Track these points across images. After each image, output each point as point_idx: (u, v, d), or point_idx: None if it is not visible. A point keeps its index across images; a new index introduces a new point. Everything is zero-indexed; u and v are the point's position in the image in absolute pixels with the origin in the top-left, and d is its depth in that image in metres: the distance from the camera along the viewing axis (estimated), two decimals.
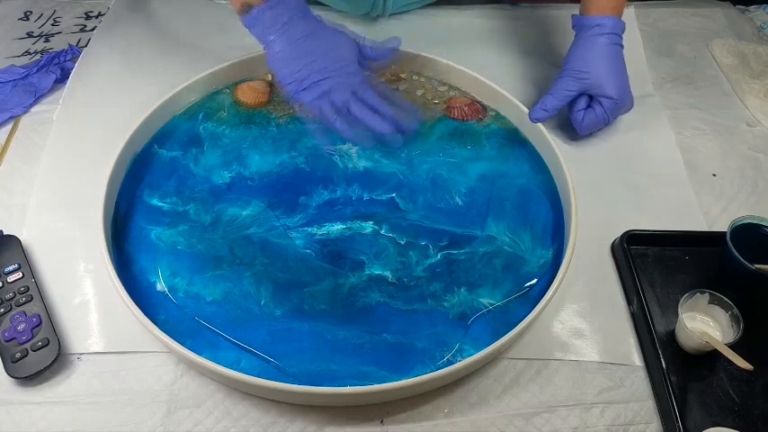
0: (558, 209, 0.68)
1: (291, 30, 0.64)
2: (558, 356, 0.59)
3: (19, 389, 0.54)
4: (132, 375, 0.56)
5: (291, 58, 0.64)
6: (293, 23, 0.64)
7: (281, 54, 0.64)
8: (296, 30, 0.64)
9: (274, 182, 0.69)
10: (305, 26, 0.65)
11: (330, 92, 0.63)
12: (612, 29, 0.72)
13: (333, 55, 0.65)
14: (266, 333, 0.57)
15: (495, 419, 0.55)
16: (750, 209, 0.71)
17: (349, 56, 0.66)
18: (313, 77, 0.63)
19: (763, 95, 0.85)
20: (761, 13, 1.00)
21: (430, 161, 0.71)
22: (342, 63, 0.65)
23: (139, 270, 0.61)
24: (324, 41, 0.65)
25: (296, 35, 0.64)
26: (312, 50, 0.64)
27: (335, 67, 0.64)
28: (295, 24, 0.64)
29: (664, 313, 0.61)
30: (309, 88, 0.64)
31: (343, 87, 0.64)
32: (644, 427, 0.55)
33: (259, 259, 0.62)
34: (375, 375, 0.55)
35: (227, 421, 0.54)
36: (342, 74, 0.64)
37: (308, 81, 0.63)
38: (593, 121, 0.74)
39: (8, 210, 0.66)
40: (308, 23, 0.65)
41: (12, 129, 0.74)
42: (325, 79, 0.63)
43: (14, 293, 0.58)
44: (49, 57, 0.81)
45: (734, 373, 0.57)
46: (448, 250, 0.64)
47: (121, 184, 0.66)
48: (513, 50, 0.88)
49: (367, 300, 0.60)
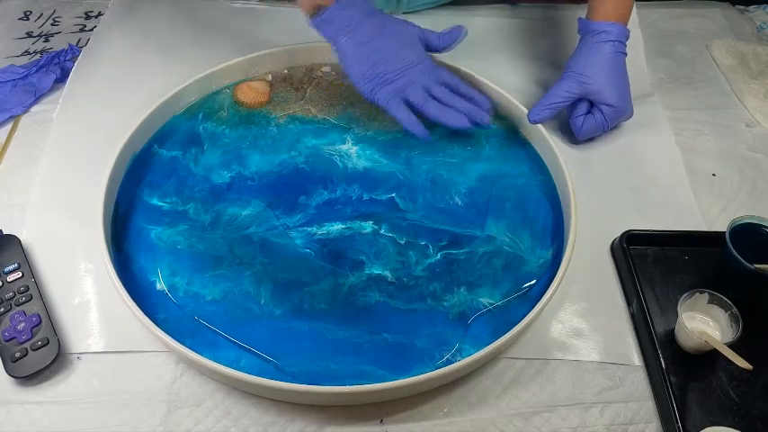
0: (557, 209, 0.68)
1: (361, 30, 0.66)
2: (558, 356, 0.59)
3: (19, 388, 0.54)
4: (132, 375, 0.56)
5: (362, 58, 0.66)
6: (362, 23, 0.66)
7: (353, 55, 0.66)
8: (365, 29, 0.66)
9: (274, 182, 0.69)
10: (373, 25, 0.67)
11: (404, 90, 0.66)
12: (617, 36, 0.72)
13: (403, 52, 0.67)
14: (266, 332, 0.57)
15: (494, 419, 0.55)
16: (749, 209, 0.71)
17: (418, 51, 0.68)
18: (386, 77, 0.66)
19: (762, 96, 0.85)
20: (760, 13, 1.00)
21: (430, 161, 0.71)
22: (412, 60, 0.67)
23: (139, 269, 0.61)
24: (392, 39, 0.67)
25: (366, 35, 0.66)
26: (381, 50, 0.66)
27: (406, 65, 0.67)
28: (364, 24, 0.66)
29: (663, 313, 0.61)
30: (382, 88, 0.66)
31: (415, 85, 0.66)
32: (643, 426, 0.55)
33: (259, 259, 0.62)
34: (375, 375, 0.55)
35: (227, 421, 0.54)
36: (413, 71, 0.67)
37: (380, 80, 0.66)
38: (593, 127, 0.74)
39: (8, 209, 0.66)
40: (376, 21, 0.67)
41: (12, 128, 0.74)
42: (397, 79, 0.66)
43: (14, 293, 0.58)
44: (49, 56, 0.81)
45: (733, 373, 0.57)
46: (448, 250, 0.64)
47: (121, 184, 0.66)
48: (512, 51, 0.88)
49: (367, 299, 0.60)
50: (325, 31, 0.67)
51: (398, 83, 0.66)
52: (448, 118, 0.67)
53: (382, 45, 0.67)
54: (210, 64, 0.76)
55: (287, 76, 0.80)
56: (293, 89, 0.79)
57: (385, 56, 0.66)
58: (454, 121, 0.67)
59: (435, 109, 0.67)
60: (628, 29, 0.74)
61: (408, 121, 0.67)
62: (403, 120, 0.67)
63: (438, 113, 0.67)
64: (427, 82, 0.68)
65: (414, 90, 0.67)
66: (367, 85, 0.67)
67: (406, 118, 0.67)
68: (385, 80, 0.66)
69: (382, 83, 0.66)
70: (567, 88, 0.73)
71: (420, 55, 0.68)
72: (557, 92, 0.73)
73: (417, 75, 0.67)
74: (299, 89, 0.79)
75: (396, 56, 0.67)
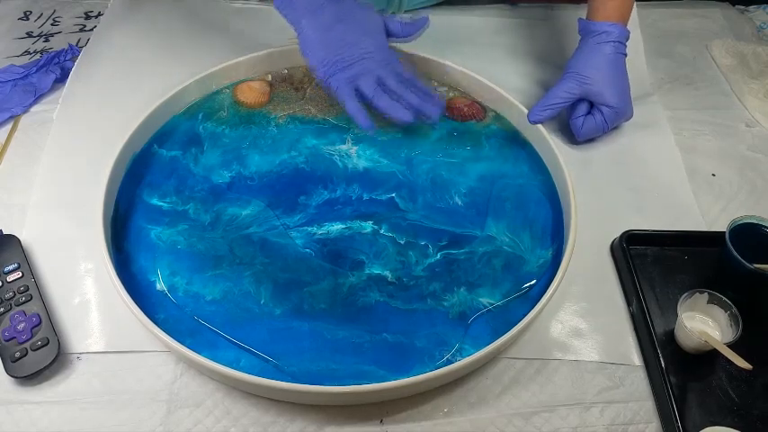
0: (557, 209, 0.68)
1: (323, 14, 0.66)
2: (558, 356, 0.59)
3: (19, 388, 0.54)
4: (132, 375, 0.56)
5: (323, 43, 0.66)
6: (325, 7, 0.66)
7: (313, 39, 0.66)
8: (327, 14, 0.66)
9: (274, 181, 0.69)
10: (336, 10, 0.66)
11: (357, 78, 0.66)
12: (618, 37, 0.72)
13: (363, 40, 0.67)
14: (266, 332, 0.57)
15: (494, 419, 0.55)
16: (749, 209, 0.72)
17: (379, 40, 0.68)
18: (342, 64, 0.66)
19: (762, 96, 0.85)
20: (760, 13, 1.00)
21: (430, 161, 0.71)
22: (371, 48, 0.67)
23: (139, 269, 0.61)
24: (354, 25, 0.67)
25: (328, 20, 0.66)
26: (342, 36, 0.66)
27: (364, 53, 0.66)
28: (326, 8, 0.66)
29: (663, 313, 0.61)
30: (336, 74, 0.66)
31: (369, 74, 0.66)
32: (643, 426, 0.55)
33: (259, 259, 0.62)
34: (375, 375, 0.55)
35: (227, 420, 0.54)
36: (369, 61, 0.67)
37: (336, 67, 0.66)
38: (593, 127, 0.74)
39: (8, 209, 0.66)
40: (339, 7, 0.67)
41: (12, 128, 0.74)
42: (352, 66, 0.66)
43: (14, 293, 0.58)
44: (49, 56, 0.81)
45: (733, 373, 0.57)
46: (447, 250, 0.64)
47: (121, 184, 0.66)
48: (512, 51, 0.88)
49: (367, 299, 0.60)
50: (288, 14, 0.67)
51: (353, 70, 0.66)
52: (395, 112, 0.67)
53: (343, 31, 0.66)
54: (210, 64, 0.76)
55: (287, 76, 0.80)
56: (293, 89, 0.79)
57: (345, 42, 0.66)
58: (400, 115, 0.67)
59: (384, 102, 0.67)
60: (628, 29, 0.74)
61: (354, 109, 0.66)
62: (349, 108, 0.66)
63: (386, 107, 0.67)
64: (382, 72, 0.67)
65: (366, 80, 0.66)
66: (322, 70, 0.66)
67: (352, 107, 0.66)
68: (340, 67, 0.66)
69: (336, 70, 0.66)
70: (567, 89, 0.73)
71: (380, 44, 0.68)
72: (557, 92, 0.73)
73: (373, 64, 0.67)
74: (299, 89, 0.79)
75: (355, 43, 0.66)
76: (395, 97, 0.67)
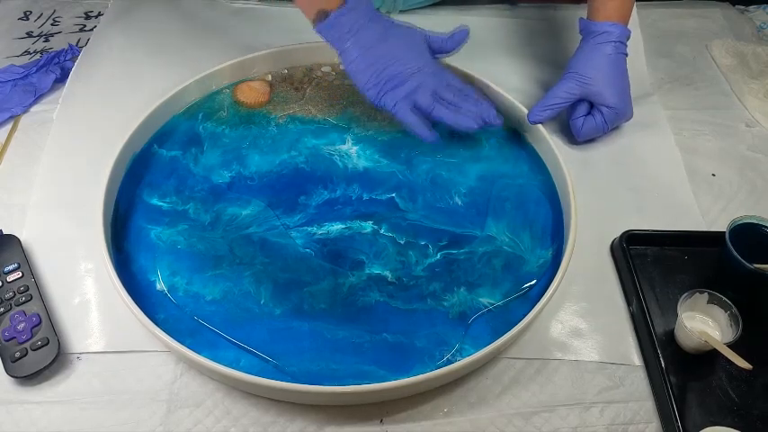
0: (557, 209, 0.68)
1: (366, 34, 0.66)
2: (558, 356, 0.59)
3: (18, 388, 0.54)
4: (132, 375, 0.56)
5: (368, 63, 0.66)
6: (367, 28, 0.66)
7: (359, 60, 0.66)
8: (370, 34, 0.66)
9: (274, 181, 0.69)
10: (378, 29, 0.66)
11: (412, 94, 0.66)
12: (619, 37, 0.72)
13: (408, 56, 0.67)
14: (266, 332, 0.57)
15: (494, 419, 0.55)
16: (749, 209, 0.71)
17: (424, 55, 0.68)
18: (393, 82, 0.66)
19: (762, 96, 0.85)
20: (760, 13, 1.00)
21: (429, 161, 0.71)
22: (419, 64, 0.67)
23: (139, 269, 0.61)
24: (398, 43, 0.67)
25: (371, 40, 0.66)
26: (387, 54, 0.66)
27: (413, 69, 0.66)
28: (369, 28, 0.66)
29: (663, 313, 0.61)
30: (389, 93, 0.66)
31: (423, 89, 0.66)
32: (643, 426, 0.55)
33: (259, 259, 0.62)
34: (375, 375, 0.55)
35: (227, 420, 0.54)
36: (420, 75, 0.66)
37: (387, 85, 0.66)
38: (593, 128, 0.74)
39: (8, 209, 0.66)
40: (380, 26, 0.67)
41: (12, 128, 0.74)
42: (404, 83, 0.66)
43: (14, 293, 0.58)
44: (49, 56, 0.81)
45: (733, 373, 0.57)
46: (447, 250, 0.64)
47: (121, 184, 0.66)
48: (512, 50, 0.88)
49: (367, 299, 0.60)
50: (330, 36, 0.66)
51: (406, 87, 0.66)
52: (458, 120, 0.67)
53: (388, 49, 0.66)
54: (210, 64, 0.76)
55: (287, 76, 0.80)
56: (293, 89, 0.79)
57: (391, 60, 0.66)
58: (464, 123, 0.67)
59: (445, 112, 0.67)
60: (629, 29, 0.74)
61: (418, 125, 0.66)
62: (412, 124, 0.66)
63: (448, 117, 0.67)
64: (435, 85, 0.67)
65: (422, 94, 0.66)
66: (373, 91, 0.66)
67: (415, 122, 0.66)
68: (392, 85, 0.66)
69: (389, 88, 0.66)
70: (567, 89, 0.73)
71: (426, 59, 0.68)
72: (557, 92, 0.73)
73: (424, 78, 0.67)
74: (299, 89, 0.79)
75: (402, 60, 0.66)
76: (452, 108, 0.67)
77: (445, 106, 0.67)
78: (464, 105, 0.68)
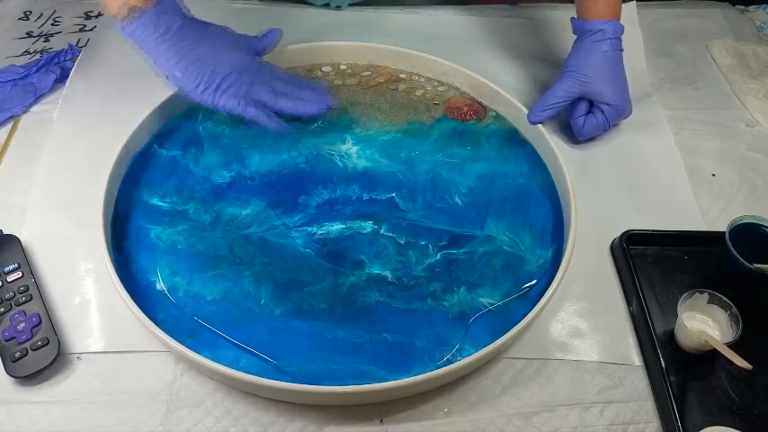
0: (557, 209, 0.68)
1: (183, 36, 0.64)
2: (558, 356, 0.59)
3: (18, 388, 0.54)
4: (132, 375, 0.56)
5: (194, 66, 0.64)
6: (183, 29, 0.64)
7: (182, 64, 0.64)
8: (187, 36, 0.64)
9: (274, 181, 0.69)
10: (194, 31, 0.65)
11: (250, 91, 0.65)
12: (614, 34, 0.72)
13: (232, 56, 0.66)
14: (266, 332, 0.57)
15: (494, 419, 0.55)
16: (749, 209, 0.71)
17: (246, 52, 0.67)
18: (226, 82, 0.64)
19: (762, 96, 0.85)
20: (760, 13, 1.00)
21: (429, 161, 0.71)
22: (245, 62, 0.66)
23: (139, 269, 0.61)
24: (216, 43, 0.66)
25: (190, 42, 0.64)
26: (211, 55, 0.64)
27: (241, 67, 0.65)
28: (184, 30, 0.64)
29: (663, 313, 0.61)
30: (225, 93, 0.65)
31: (259, 84, 0.66)
32: (643, 426, 0.55)
33: (259, 259, 0.62)
34: (374, 375, 0.55)
35: (227, 420, 0.54)
36: (251, 72, 0.66)
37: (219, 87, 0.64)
38: (594, 126, 0.74)
39: (8, 209, 0.66)
40: (195, 27, 0.66)
41: (12, 128, 0.74)
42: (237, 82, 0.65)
43: (14, 293, 0.58)
44: (49, 56, 0.81)
45: (733, 373, 0.57)
46: (447, 250, 0.64)
47: (121, 184, 0.66)
48: (512, 50, 0.88)
49: (367, 299, 0.60)
50: (142, 39, 0.63)
51: (243, 86, 0.65)
52: (300, 108, 0.68)
53: (210, 50, 0.64)
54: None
55: None
56: None
57: (217, 61, 0.64)
58: (306, 110, 0.68)
59: (286, 103, 0.67)
60: (622, 24, 0.74)
61: (266, 121, 0.66)
62: (261, 121, 0.66)
63: (290, 107, 0.67)
64: (266, 80, 0.67)
65: (260, 89, 0.66)
66: (208, 93, 0.64)
67: (263, 119, 0.66)
68: (227, 85, 0.64)
69: (225, 88, 0.64)
70: (566, 87, 0.73)
71: (250, 56, 0.67)
72: (556, 92, 0.73)
73: (255, 75, 0.66)
74: None
75: (227, 60, 0.65)
76: (291, 97, 0.68)
77: (286, 97, 0.68)
78: (300, 93, 0.69)
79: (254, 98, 0.66)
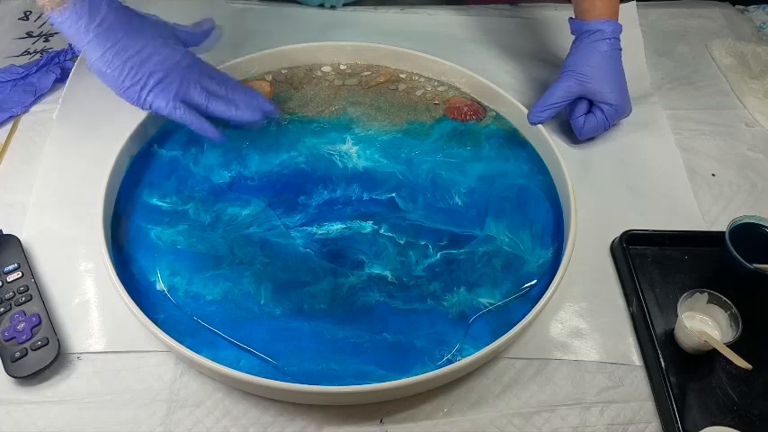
0: (557, 209, 0.68)
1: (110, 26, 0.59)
2: (558, 356, 0.59)
3: (18, 388, 0.54)
4: (132, 375, 0.56)
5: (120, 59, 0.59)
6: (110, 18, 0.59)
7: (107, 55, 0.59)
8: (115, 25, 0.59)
9: (274, 181, 0.69)
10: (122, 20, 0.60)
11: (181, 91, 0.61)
12: (612, 33, 0.72)
13: (163, 50, 0.61)
14: (266, 332, 0.57)
15: (494, 419, 0.55)
16: (749, 209, 0.72)
17: (178, 47, 0.63)
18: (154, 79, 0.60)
19: (762, 96, 0.85)
20: (760, 13, 1.00)
21: (429, 161, 0.71)
22: (177, 58, 0.62)
23: (139, 269, 0.61)
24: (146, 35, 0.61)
25: (117, 32, 0.59)
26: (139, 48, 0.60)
27: (172, 64, 0.61)
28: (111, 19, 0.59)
29: (663, 313, 0.61)
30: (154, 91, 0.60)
31: (191, 84, 0.62)
32: (643, 426, 0.55)
33: (259, 259, 0.62)
34: (374, 375, 0.55)
35: (227, 420, 0.54)
36: (182, 70, 0.62)
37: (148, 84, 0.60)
38: (594, 126, 0.74)
39: (8, 209, 0.66)
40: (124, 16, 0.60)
41: (12, 128, 0.74)
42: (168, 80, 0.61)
43: (14, 293, 0.58)
44: (49, 56, 0.81)
45: (733, 373, 0.57)
46: (447, 250, 0.64)
47: (121, 184, 0.66)
48: (512, 50, 0.88)
49: (367, 299, 0.60)
50: (68, 29, 0.58)
51: (173, 85, 0.60)
52: (238, 115, 0.63)
53: (138, 42, 0.59)
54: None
55: (287, 76, 0.80)
56: (293, 89, 0.79)
57: (145, 55, 0.59)
58: (246, 117, 0.64)
59: (222, 107, 0.63)
60: (620, 23, 0.74)
61: (200, 125, 0.62)
62: (194, 125, 0.62)
63: (226, 112, 0.63)
64: (198, 78, 0.62)
65: (191, 89, 0.61)
66: (133, 90, 0.60)
67: (197, 123, 0.62)
68: (155, 81, 0.60)
69: (152, 85, 0.60)
70: (565, 87, 0.73)
71: (182, 51, 0.63)
72: (555, 92, 0.73)
73: (186, 72, 0.61)
74: (299, 89, 0.79)
75: (157, 53, 0.60)
76: (226, 101, 0.64)
77: (220, 101, 0.63)
78: (237, 97, 0.65)
79: (184, 99, 0.62)
